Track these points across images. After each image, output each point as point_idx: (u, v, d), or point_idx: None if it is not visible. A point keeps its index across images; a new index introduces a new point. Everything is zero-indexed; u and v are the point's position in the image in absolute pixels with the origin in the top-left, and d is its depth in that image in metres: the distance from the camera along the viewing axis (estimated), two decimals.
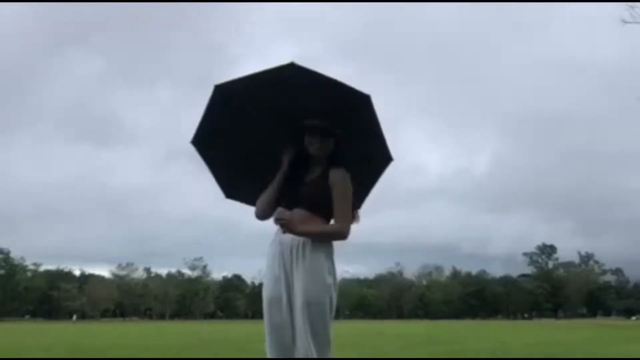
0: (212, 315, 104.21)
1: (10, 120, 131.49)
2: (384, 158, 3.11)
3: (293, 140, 3.01)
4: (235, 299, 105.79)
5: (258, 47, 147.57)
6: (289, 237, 2.85)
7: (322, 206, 2.88)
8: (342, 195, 2.87)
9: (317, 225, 2.87)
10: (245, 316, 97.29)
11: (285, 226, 2.81)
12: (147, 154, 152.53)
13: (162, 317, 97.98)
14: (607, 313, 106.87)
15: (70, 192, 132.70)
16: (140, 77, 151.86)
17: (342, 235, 2.88)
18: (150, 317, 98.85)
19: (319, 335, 2.71)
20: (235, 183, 3.30)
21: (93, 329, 33.77)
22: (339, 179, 2.88)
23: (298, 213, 2.89)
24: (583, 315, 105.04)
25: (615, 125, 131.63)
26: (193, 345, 15.49)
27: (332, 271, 2.84)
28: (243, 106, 3.02)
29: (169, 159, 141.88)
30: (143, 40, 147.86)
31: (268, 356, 2.82)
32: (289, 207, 2.90)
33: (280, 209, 2.84)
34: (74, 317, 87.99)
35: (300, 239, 2.84)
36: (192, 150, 3.09)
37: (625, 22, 9.70)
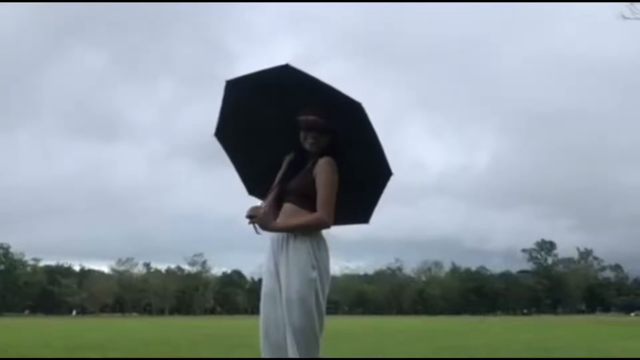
0: (211, 311, 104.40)
1: (10, 116, 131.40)
2: (382, 171, 2.99)
3: (293, 139, 2.97)
4: (234, 295, 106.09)
5: (259, 43, 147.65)
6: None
7: (308, 198, 2.81)
8: (324, 182, 2.79)
9: (294, 219, 2.82)
10: (245, 311, 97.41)
11: (258, 224, 2.77)
12: (147, 150, 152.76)
13: (161, 312, 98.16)
14: (606, 309, 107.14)
15: (70, 188, 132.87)
16: (141, 72, 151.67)
17: (323, 223, 2.79)
18: (150, 312, 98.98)
19: (304, 332, 2.66)
20: (257, 179, 3.27)
21: (93, 324, 33.80)
22: (322, 166, 2.82)
23: (286, 208, 2.88)
24: (582, 312, 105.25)
25: (615, 122, 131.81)
26: (193, 341, 15.51)
27: (317, 265, 2.75)
28: (251, 103, 3.03)
29: (169, 155, 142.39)
30: (144, 36, 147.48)
31: (261, 352, 2.79)
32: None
33: (252, 206, 2.82)
34: (74, 312, 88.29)
35: (284, 233, 2.81)
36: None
37: (625, 18, 9.70)
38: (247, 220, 2.78)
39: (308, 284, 2.69)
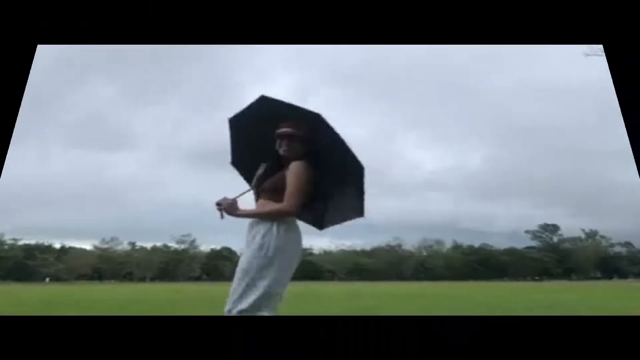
0: (197, 279, 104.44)
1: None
2: (355, 167, 3.35)
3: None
4: (222, 266, 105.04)
5: (261, 77, 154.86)
6: (247, 221, 3.39)
7: (280, 194, 3.29)
8: (292, 177, 3.28)
9: (259, 208, 3.37)
10: (232, 278, 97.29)
11: (225, 211, 3.30)
12: (143, 157, 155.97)
13: (142, 280, 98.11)
14: (624, 276, 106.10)
15: (59, 186, 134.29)
16: (151, 100, 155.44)
17: (284, 213, 3.27)
18: (131, 280, 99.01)
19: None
20: None
21: (69, 290, 33.80)
22: (292, 165, 3.32)
23: (259, 202, 3.40)
24: (598, 279, 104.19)
25: (597, 142, 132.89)
26: (174, 301, 15.79)
27: (265, 247, 3.22)
28: (255, 134, 3.63)
29: (161, 161, 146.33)
30: (156, 68, 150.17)
31: None
32: None
33: (223, 198, 3.35)
34: (47, 279, 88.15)
35: (250, 220, 3.36)
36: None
37: (587, 55, 12.11)
38: (216, 207, 3.33)
39: (253, 257, 3.24)
